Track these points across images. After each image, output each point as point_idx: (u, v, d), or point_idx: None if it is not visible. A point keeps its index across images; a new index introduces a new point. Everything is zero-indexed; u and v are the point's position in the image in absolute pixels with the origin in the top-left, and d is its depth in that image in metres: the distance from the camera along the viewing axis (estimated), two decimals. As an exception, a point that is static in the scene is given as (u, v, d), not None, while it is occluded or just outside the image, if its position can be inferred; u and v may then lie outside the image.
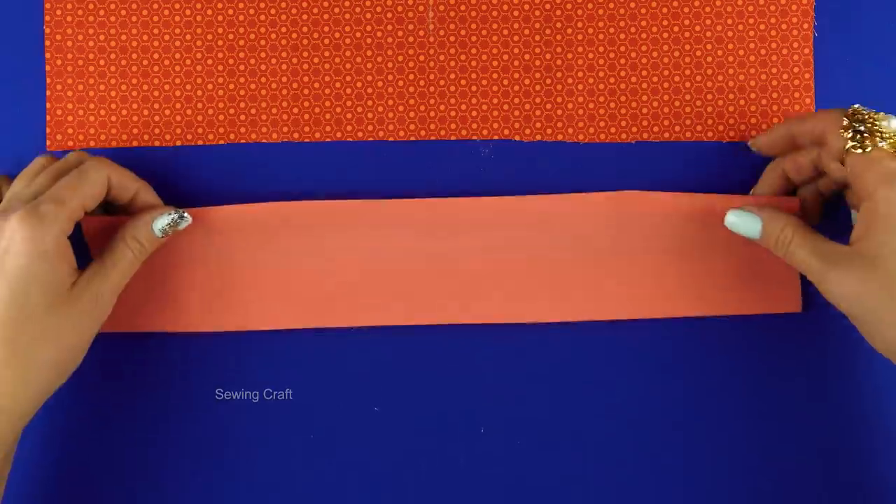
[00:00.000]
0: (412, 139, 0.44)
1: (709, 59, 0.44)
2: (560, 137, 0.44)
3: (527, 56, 0.44)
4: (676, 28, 0.44)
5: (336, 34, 0.44)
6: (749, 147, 0.43)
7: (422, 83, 0.44)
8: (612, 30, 0.44)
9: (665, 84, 0.44)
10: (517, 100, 0.44)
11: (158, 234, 0.41)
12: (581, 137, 0.44)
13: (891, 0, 0.44)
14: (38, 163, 0.41)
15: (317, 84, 0.44)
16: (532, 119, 0.44)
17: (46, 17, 0.44)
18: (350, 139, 0.44)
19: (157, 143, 0.44)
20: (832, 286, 0.36)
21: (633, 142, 0.44)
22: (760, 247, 0.41)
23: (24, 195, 0.39)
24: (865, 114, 0.37)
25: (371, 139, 0.44)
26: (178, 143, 0.44)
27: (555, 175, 0.44)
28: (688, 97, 0.44)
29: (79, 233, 0.44)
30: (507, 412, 0.43)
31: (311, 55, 0.44)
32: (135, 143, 0.44)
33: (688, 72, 0.44)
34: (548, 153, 0.44)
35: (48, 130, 0.44)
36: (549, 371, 0.44)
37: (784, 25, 0.44)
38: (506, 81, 0.44)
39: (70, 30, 0.44)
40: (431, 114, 0.44)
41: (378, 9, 0.44)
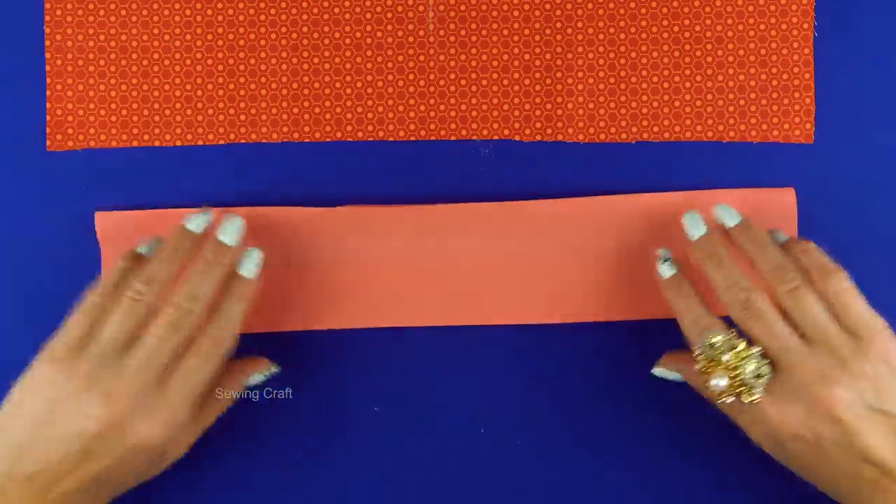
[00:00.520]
0: (412, 139, 0.44)
1: (709, 59, 0.44)
2: (560, 137, 0.44)
3: (527, 56, 0.44)
4: (676, 28, 0.44)
5: (336, 34, 0.44)
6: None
7: (422, 83, 0.44)
8: (612, 30, 0.44)
9: (665, 84, 0.44)
10: (517, 100, 0.44)
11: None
12: (581, 137, 0.44)
13: (891, 0, 0.44)
14: (179, 240, 0.40)
15: (317, 84, 0.44)
16: (532, 119, 0.44)
17: (46, 17, 0.44)
18: (350, 139, 0.44)
19: (157, 143, 0.44)
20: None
21: (633, 142, 0.44)
22: None
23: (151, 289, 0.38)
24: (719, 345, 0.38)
25: (371, 139, 0.44)
26: (178, 143, 0.44)
27: (554, 175, 0.44)
28: (688, 97, 0.44)
29: (79, 231, 0.44)
30: (507, 412, 0.43)
31: (311, 55, 0.44)
32: (135, 143, 0.44)
33: (688, 72, 0.44)
34: (548, 153, 0.44)
35: (48, 130, 0.44)
36: (549, 371, 0.44)
37: (784, 25, 0.44)
38: (506, 81, 0.44)
39: (70, 30, 0.44)
40: (431, 114, 0.44)
41: (378, 9, 0.44)
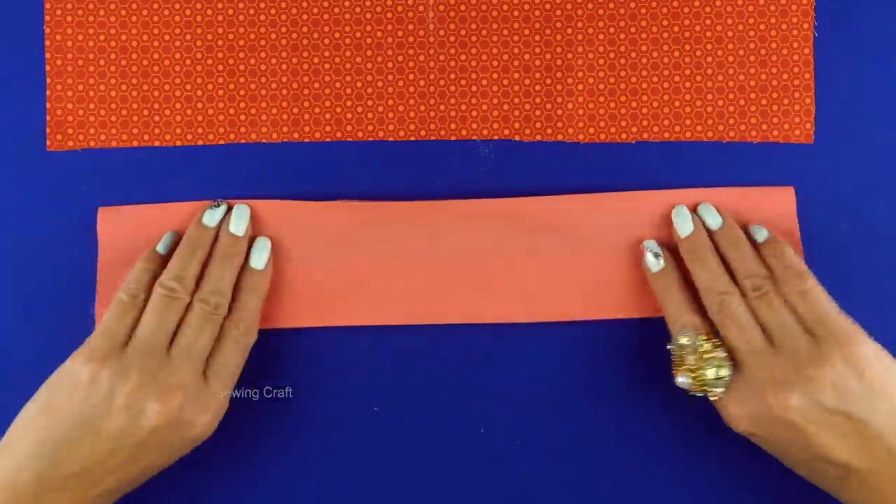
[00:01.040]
0: (412, 139, 0.44)
1: (709, 59, 0.44)
2: (560, 137, 0.44)
3: (527, 56, 0.44)
4: (676, 28, 0.44)
5: (336, 34, 0.44)
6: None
7: (422, 83, 0.44)
8: (612, 30, 0.44)
9: (665, 84, 0.44)
10: (517, 100, 0.44)
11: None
12: (581, 137, 0.44)
13: (891, 0, 0.44)
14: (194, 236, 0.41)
15: (317, 84, 0.44)
16: (532, 119, 0.44)
17: (46, 17, 0.44)
18: (350, 139, 0.44)
19: (157, 143, 0.44)
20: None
21: (633, 142, 0.44)
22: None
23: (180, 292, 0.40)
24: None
25: (371, 139, 0.44)
26: (178, 143, 0.44)
27: (554, 175, 0.44)
28: (688, 97, 0.44)
29: (79, 231, 0.44)
30: (507, 412, 0.43)
31: (311, 55, 0.44)
32: (135, 143, 0.44)
33: (688, 72, 0.44)
34: (548, 153, 0.44)
35: (48, 130, 0.44)
36: (549, 371, 0.44)
37: (784, 25, 0.44)
38: (506, 81, 0.44)
39: (70, 30, 0.44)
40: (431, 114, 0.44)
41: (378, 9, 0.44)
